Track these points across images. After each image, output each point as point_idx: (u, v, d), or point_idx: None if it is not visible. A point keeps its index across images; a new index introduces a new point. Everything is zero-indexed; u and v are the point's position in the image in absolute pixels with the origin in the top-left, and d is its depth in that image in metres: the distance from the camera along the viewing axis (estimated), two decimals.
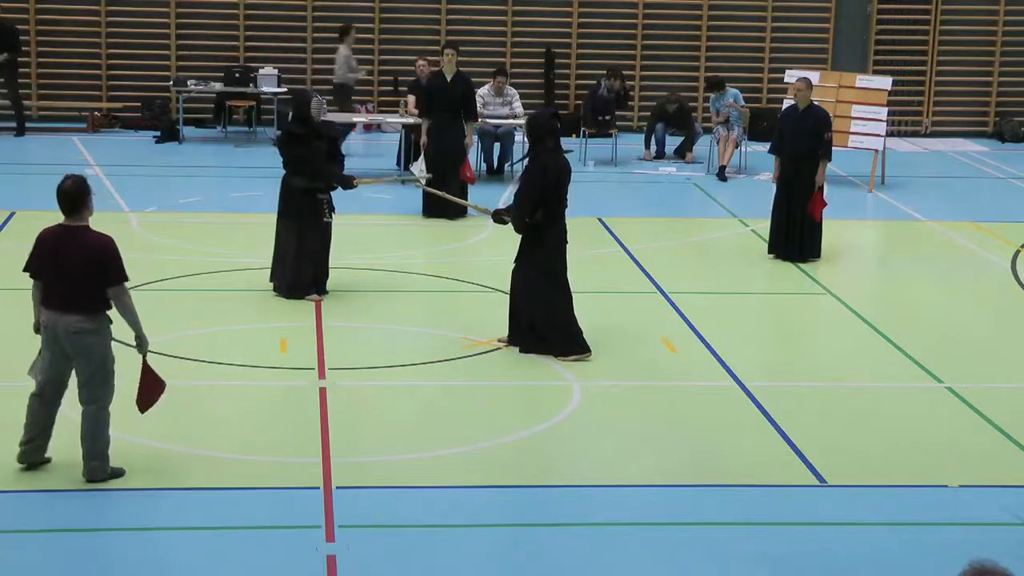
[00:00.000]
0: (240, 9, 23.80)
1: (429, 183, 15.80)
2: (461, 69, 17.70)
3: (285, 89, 22.62)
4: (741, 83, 22.86)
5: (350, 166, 20.70)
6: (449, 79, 17.28)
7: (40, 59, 23.55)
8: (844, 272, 15.46)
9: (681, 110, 22.44)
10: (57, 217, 8.95)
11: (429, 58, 20.62)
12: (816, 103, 15.81)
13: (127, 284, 8.84)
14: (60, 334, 8.74)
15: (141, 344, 8.98)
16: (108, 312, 8.84)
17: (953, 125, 25.19)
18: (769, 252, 15.50)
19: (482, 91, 20.00)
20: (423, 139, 17.36)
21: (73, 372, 8.94)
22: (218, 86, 22.70)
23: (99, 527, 8.40)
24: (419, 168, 17.06)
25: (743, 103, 21.17)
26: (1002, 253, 16.14)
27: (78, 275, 8.66)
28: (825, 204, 15.35)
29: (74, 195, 8.73)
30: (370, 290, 13.85)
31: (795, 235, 15.26)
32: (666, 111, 22.23)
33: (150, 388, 9.20)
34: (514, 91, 20.35)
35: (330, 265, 13.48)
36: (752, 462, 9.61)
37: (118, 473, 8.98)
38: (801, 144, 15.23)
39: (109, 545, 8.19)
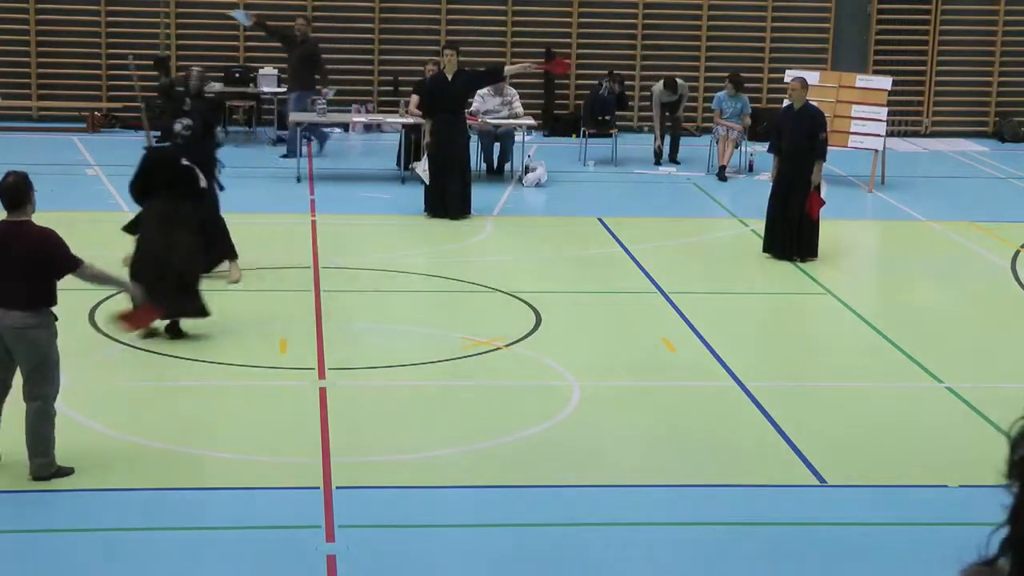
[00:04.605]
0: (240, 9, 23.77)
1: (430, 183, 15.95)
2: (464, 69, 17.68)
3: (285, 89, 22.61)
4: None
5: (350, 164, 20.78)
6: (450, 79, 17.29)
7: (40, 59, 23.53)
8: (844, 272, 15.46)
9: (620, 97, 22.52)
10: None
11: (438, 59, 20.67)
12: (812, 102, 15.82)
13: (84, 261, 8.85)
14: (3, 331, 8.70)
15: (128, 292, 9.15)
16: (53, 309, 8.80)
17: (953, 125, 25.17)
18: (764, 251, 15.50)
19: (482, 91, 20.00)
20: (425, 139, 17.37)
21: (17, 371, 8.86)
22: (218, 86, 22.68)
23: (98, 527, 8.40)
24: (422, 168, 17.09)
25: (749, 110, 21.17)
26: (1002, 253, 16.14)
27: (21, 270, 8.64)
28: (823, 203, 15.36)
29: (16, 191, 8.74)
30: (370, 290, 13.85)
31: (791, 234, 15.28)
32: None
33: (145, 313, 9.37)
34: (514, 91, 20.34)
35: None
36: (752, 462, 9.61)
37: (65, 472, 8.92)
38: (797, 143, 15.28)
39: (108, 545, 8.19)
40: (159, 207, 11.83)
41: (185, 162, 11.95)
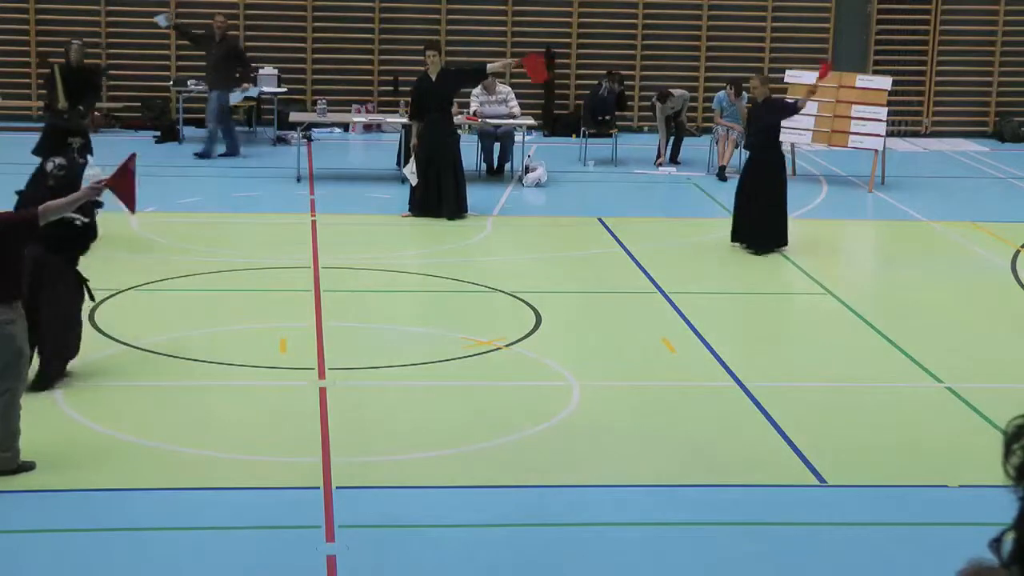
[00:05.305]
0: (240, 9, 23.78)
1: (418, 183, 16.26)
2: (448, 68, 17.60)
3: (285, 89, 22.63)
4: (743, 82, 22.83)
5: (350, 164, 20.79)
6: (434, 79, 17.22)
7: (40, 59, 23.52)
8: (844, 272, 15.45)
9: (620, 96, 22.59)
10: None
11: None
12: (777, 97, 16.14)
13: (38, 216, 8.79)
14: None
15: (92, 191, 9.14)
16: (19, 302, 8.77)
17: (953, 125, 25.17)
18: (732, 241, 15.66)
19: (476, 90, 20.03)
20: (413, 141, 17.35)
21: None
22: None
23: (98, 527, 8.40)
24: (410, 171, 17.15)
25: (747, 102, 21.19)
26: (1002, 253, 16.14)
27: None
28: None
29: None
30: (370, 290, 13.85)
31: (755, 224, 15.52)
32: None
33: (127, 184, 9.40)
34: (508, 89, 20.31)
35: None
36: (752, 462, 9.60)
37: (27, 467, 8.91)
38: (759, 135, 15.76)
39: (108, 545, 8.19)
40: (30, 257, 9.72)
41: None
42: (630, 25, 24.40)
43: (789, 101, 15.97)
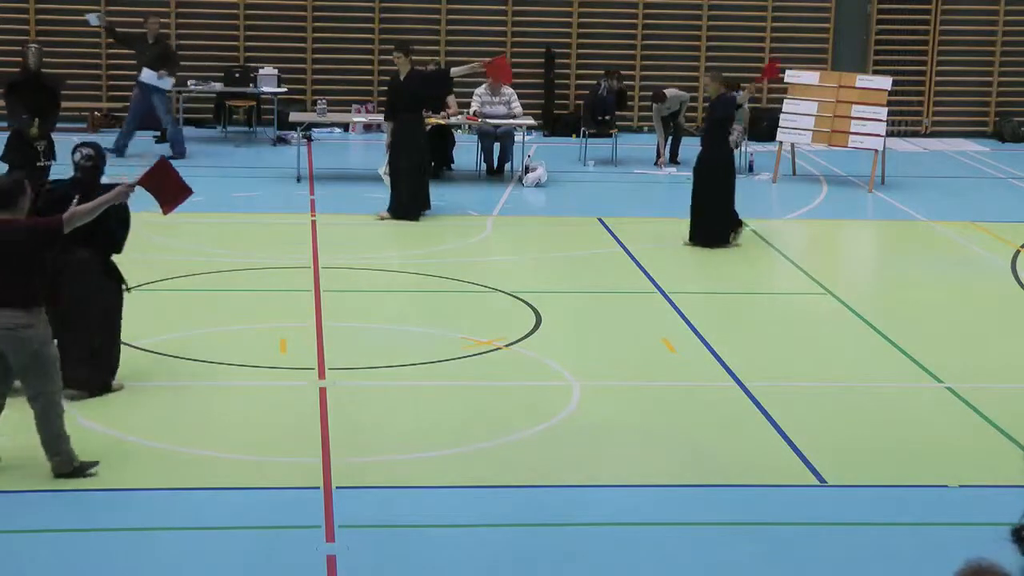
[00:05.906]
0: (240, 9, 23.79)
1: (392, 184, 16.45)
2: (417, 70, 17.54)
3: (285, 89, 22.63)
4: (742, 83, 22.81)
5: (350, 164, 20.80)
6: (403, 79, 17.18)
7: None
8: (844, 272, 15.45)
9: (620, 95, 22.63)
10: None
11: (436, 59, 20.74)
12: (730, 93, 16.34)
13: (64, 221, 8.70)
14: None
15: (120, 195, 9.07)
16: (41, 308, 8.73)
17: (953, 125, 25.17)
18: (690, 240, 15.83)
19: (479, 91, 20.03)
20: (387, 140, 17.34)
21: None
22: (218, 86, 22.69)
23: (98, 527, 8.40)
24: (383, 171, 17.21)
25: (746, 105, 21.20)
26: (1002, 253, 16.14)
27: (10, 266, 8.56)
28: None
29: (8, 192, 8.68)
30: (369, 290, 13.85)
31: (703, 220, 15.71)
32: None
33: (171, 191, 9.38)
34: (511, 90, 20.31)
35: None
36: (752, 462, 9.60)
37: (88, 466, 8.90)
38: (708, 131, 16.11)
39: (108, 545, 8.19)
40: (71, 259, 10.01)
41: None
42: (630, 25, 24.40)
43: (733, 97, 16.18)
